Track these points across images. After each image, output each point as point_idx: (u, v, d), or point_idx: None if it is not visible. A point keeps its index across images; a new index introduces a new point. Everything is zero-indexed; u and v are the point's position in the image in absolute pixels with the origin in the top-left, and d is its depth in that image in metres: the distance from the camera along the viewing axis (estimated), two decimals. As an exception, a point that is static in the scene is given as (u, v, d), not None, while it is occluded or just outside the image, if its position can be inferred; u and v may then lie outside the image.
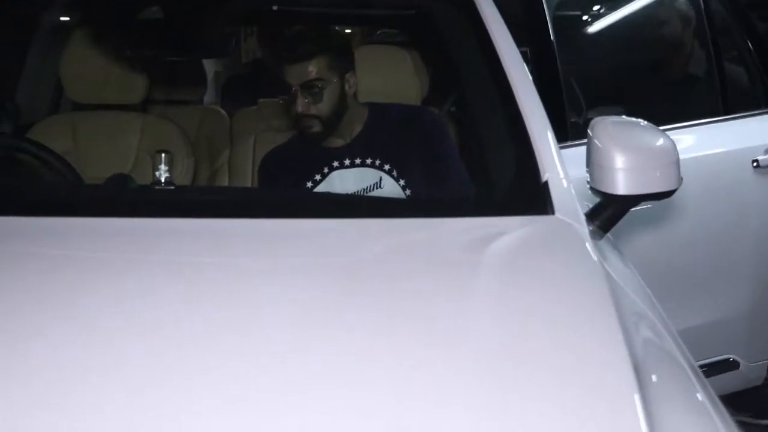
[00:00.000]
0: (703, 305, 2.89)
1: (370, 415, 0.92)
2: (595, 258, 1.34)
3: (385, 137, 2.21)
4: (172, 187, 1.63)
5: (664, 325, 1.28)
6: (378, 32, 8.20)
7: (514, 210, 1.54)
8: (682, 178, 1.71)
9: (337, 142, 2.24)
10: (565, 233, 1.46)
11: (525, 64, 1.82)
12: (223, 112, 3.38)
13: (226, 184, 3.11)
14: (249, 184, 3.01)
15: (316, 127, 2.16)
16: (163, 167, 1.64)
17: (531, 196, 1.54)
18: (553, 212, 1.51)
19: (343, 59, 2.17)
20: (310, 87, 2.11)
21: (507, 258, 1.35)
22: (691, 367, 1.17)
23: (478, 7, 1.89)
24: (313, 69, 2.11)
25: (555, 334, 1.09)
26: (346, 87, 2.19)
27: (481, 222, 1.50)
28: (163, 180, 1.64)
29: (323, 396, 0.94)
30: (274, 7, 2.18)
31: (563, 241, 1.44)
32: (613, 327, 1.08)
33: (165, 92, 3.24)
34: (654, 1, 3.17)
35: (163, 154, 1.64)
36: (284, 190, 2.14)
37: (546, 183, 1.56)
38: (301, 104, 2.12)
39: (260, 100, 3.23)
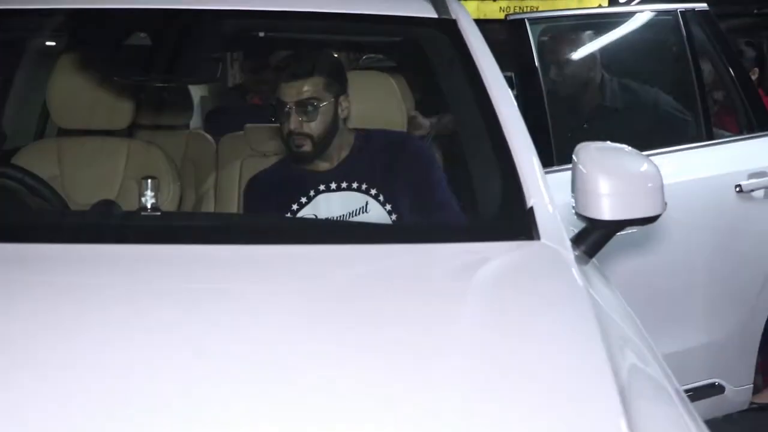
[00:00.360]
0: (687, 330, 2.90)
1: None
2: (580, 283, 1.34)
3: (371, 162, 2.23)
4: (158, 213, 1.62)
5: (650, 350, 1.28)
6: (363, 57, 8.25)
7: (499, 236, 1.54)
8: (666, 203, 1.73)
9: (324, 166, 2.25)
10: (551, 258, 1.46)
11: (510, 90, 1.84)
12: (209, 137, 3.38)
13: (212, 209, 3.10)
14: (235, 209, 3.01)
15: (307, 146, 2.17)
16: (149, 193, 1.63)
17: (516, 222, 1.55)
18: (538, 237, 1.51)
19: (338, 82, 2.20)
20: (304, 105, 2.13)
21: (491, 283, 1.36)
22: (676, 391, 1.17)
23: (464, 34, 1.91)
24: (309, 88, 2.14)
25: (540, 360, 1.09)
26: (339, 110, 2.21)
27: (467, 248, 1.50)
28: (149, 206, 1.63)
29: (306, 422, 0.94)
30: (261, 34, 2.19)
31: (548, 266, 1.45)
32: (598, 353, 1.08)
33: (151, 117, 3.24)
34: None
35: (149, 180, 1.63)
36: (269, 216, 2.13)
37: (531, 209, 1.57)
38: (294, 122, 2.14)
39: (246, 125, 3.23)
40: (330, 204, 2.22)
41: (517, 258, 1.48)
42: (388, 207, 2.18)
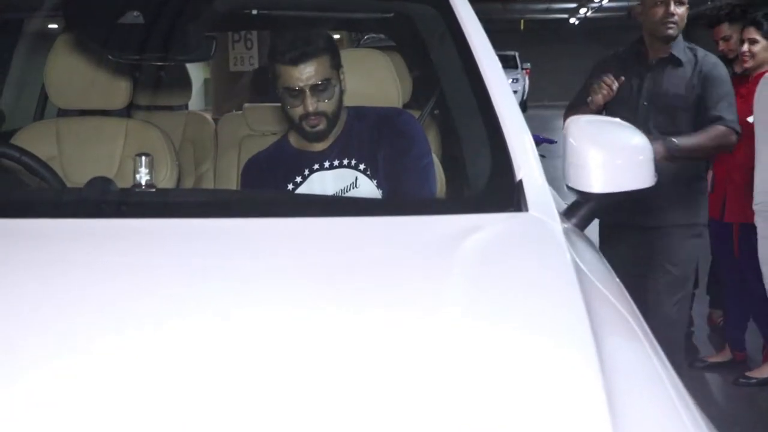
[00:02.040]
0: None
1: (348, 415, 0.93)
2: (567, 254, 1.36)
3: (360, 138, 2.25)
4: (153, 190, 1.64)
5: (637, 322, 1.29)
6: (365, 37, 8.22)
7: (488, 207, 1.56)
8: (657, 175, 1.74)
9: (319, 146, 2.27)
10: (538, 230, 1.48)
11: (501, 65, 1.85)
12: (208, 117, 3.40)
13: (211, 188, 3.13)
14: (236, 189, 3.03)
15: (322, 125, 2.18)
16: (143, 170, 1.65)
17: (505, 194, 1.56)
18: (527, 209, 1.53)
19: (338, 55, 2.21)
20: (319, 86, 2.13)
21: (478, 254, 1.37)
22: (663, 366, 1.18)
23: (455, 9, 1.91)
24: (321, 68, 2.13)
25: (522, 332, 1.11)
26: (343, 85, 2.22)
27: (455, 219, 1.52)
28: (143, 183, 1.65)
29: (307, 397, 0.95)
30: (254, 11, 2.19)
31: (536, 237, 1.46)
32: (581, 324, 1.10)
33: (149, 97, 3.25)
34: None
35: (143, 157, 1.65)
36: (260, 191, 2.15)
37: (520, 181, 1.58)
38: (311, 104, 2.14)
39: (246, 105, 3.25)
40: (324, 182, 2.25)
41: (504, 229, 1.50)
42: (375, 181, 2.21)
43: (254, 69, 6.67)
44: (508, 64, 21.68)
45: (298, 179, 2.26)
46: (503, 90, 1.77)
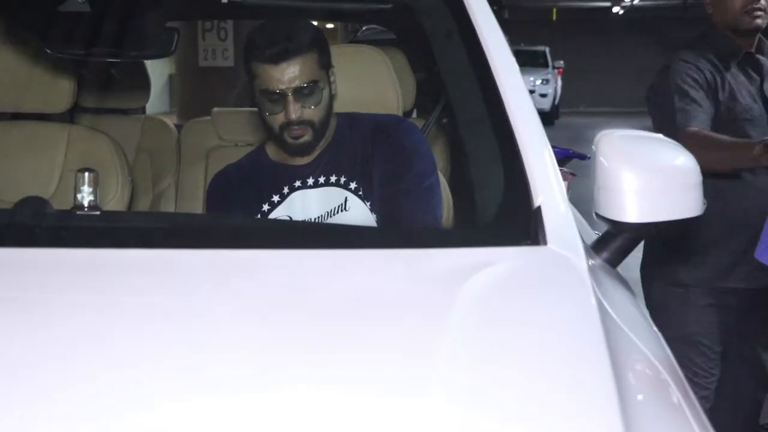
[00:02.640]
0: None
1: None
2: (592, 297, 1.37)
3: (352, 151, 2.25)
4: (98, 213, 1.65)
5: (678, 383, 1.30)
6: (363, 29, 8.27)
7: (499, 240, 1.57)
8: (706, 203, 1.75)
9: (301, 159, 2.28)
10: (558, 267, 1.49)
11: (518, 67, 1.87)
12: (170, 123, 3.42)
13: (172, 209, 3.15)
14: (200, 210, 3.04)
15: (307, 136, 2.18)
16: (86, 188, 1.66)
17: (520, 224, 1.58)
18: (545, 242, 1.54)
19: (328, 53, 2.22)
20: (303, 89, 2.13)
21: (481, 298, 1.37)
22: (699, 420, 1.19)
23: (465, 0, 1.93)
24: (306, 68, 2.13)
25: (534, 392, 1.12)
26: (333, 88, 2.23)
27: (457, 254, 1.53)
28: (86, 204, 1.66)
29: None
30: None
31: (554, 276, 1.47)
32: (606, 387, 1.10)
33: (97, 99, 3.27)
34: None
35: (86, 173, 1.66)
36: (224, 216, 2.16)
37: (539, 209, 1.60)
38: (294, 110, 2.14)
39: (214, 109, 3.27)
40: (306, 203, 2.24)
41: (515, 267, 1.51)
42: (369, 204, 2.21)
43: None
44: (537, 61, 21.82)
45: (276, 198, 2.26)
46: (521, 98, 1.79)
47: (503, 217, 1.63)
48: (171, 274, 1.44)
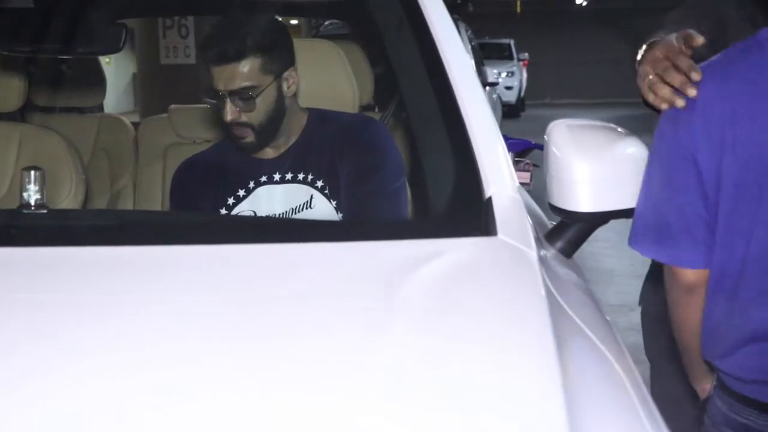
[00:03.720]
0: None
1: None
2: (540, 288, 1.36)
3: (321, 149, 2.24)
4: (44, 211, 1.63)
5: (630, 376, 1.30)
6: (326, 23, 8.21)
7: (450, 231, 1.57)
8: None
9: (269, 153, 2.26)
10: (507, 257, 1.49)
11: (470, 58, 1.86)
12: (126, 121, 3.39)
13: (130, 208, 3.12)
14: (159, 208, 3.02)
15: (249, 137, 2.18)
16: (32, 187, 1.64)
17: (470, 215, 1.58)
18: (495, 233, 1.54)
19: (279, 56, 2.19)
20: (239, 93, 2.13)
21: (426, 289, 1.38)
22: (647, 408, 1.20)
23: None
24: (243, 72, 2.12)
25: (478, 382, 1.12)
26: (285, 87, 2.21)
27: (406, 245, 1.52)
28: (32, 202, 1.64)
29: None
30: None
31: (502, 267, 1.47)
32: (552, 379, 1.10)
33: (50, 97, 3.24)
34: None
35: (32, 171, 1.64)
36: (172, 212, 2.15)
37: (489, 199, 1.60)
38: (230, 112, 2.13)
39: (171, 106, 3.25)
40: (272, 198, 2.23)
41: (463, 257, 1.50)
42: (335, 203, 2.20)
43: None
44: (502, 54, 21.87)
45: (241, 192, 2.25)
46: (472, 89, 1.78)
47: (454, 208, 1.63)
48: (116, 271, 1.43)
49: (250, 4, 2.40)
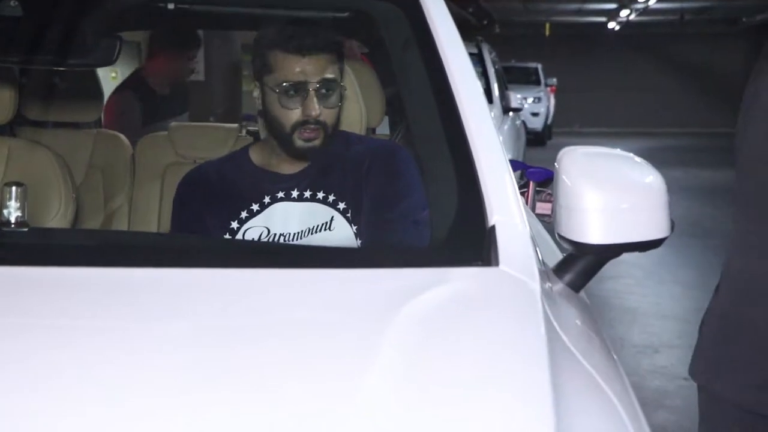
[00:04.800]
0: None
1: None
2: (541, 323, 1.36)
3: (345, 169, 2.24)
4: (25, 229, 1.65)
5: (626, 405, 1.29)
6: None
7: (450, 260, 1.57)
8: (674, 223, 1.75)
9: (285, 167, 2.25)
10: (508, 290, 1.49)
11: (478, 81, 1.87)
12: (124, 138, 3.40)
13: (125, 228, 3.13)
14: (155, 230, 3.02)
15: (318, 140, 2.17)
16: (13, 204, 1.66)
17: (472, 244, 1.58)
18: (497, 263, 1.53)
19: (343, 61, 2.23)
20: (325, 86, 2.14)
21: (420, 321, 1.37)
22: None
23: (424, 8, 1.94)
24: (329, 64, 2.15)
25: (471, 416, 1.11)
26: (343, 90, 2.23)
27: (405, 275, 1.53)
28: (13, 219, 1.65)
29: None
30: (170, 6, 2.21)
31: (502, 299, 1.47)
32: (542, 411, 1.10)
33: (44, 111, 3.26)
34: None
35: (13, 187, 1.66)
36: (163, 234, 2.16)
37: (493, 228, 1.60)
38: (314, 106, 2.13)
39: (172, 123, 3.26)
40: (288, 216, 2.21)
41: (461, 288, 1.51)
42: (355, 227, 2.20)
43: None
44: (528, 79, 21.90)
45: (255, 207, 2.23)
46: (479, 113, 1.79)
47: (455, 235, 1.63)
48: (94, 294, 1.44)
49: (251, 17, 2.42)
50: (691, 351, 2.13)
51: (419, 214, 2.17)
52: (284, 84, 2.13)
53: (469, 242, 1.59)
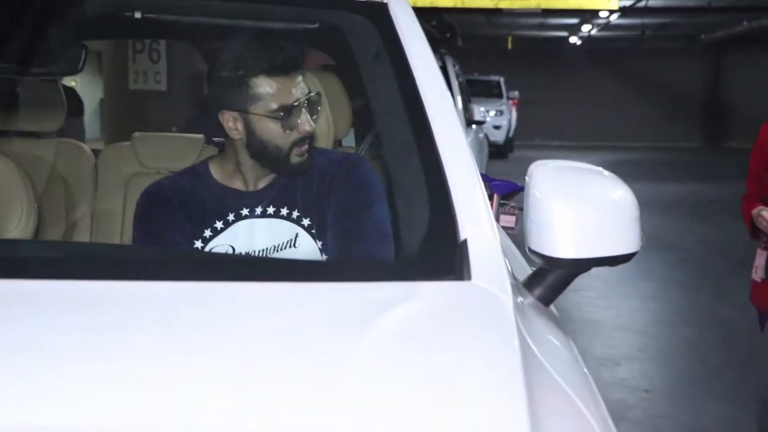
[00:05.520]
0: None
1: None
2: (514, 337, 1.35)
3: (308, 184, 2.22)
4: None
5: (597, 418, 1.29)
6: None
7: (421, 274, 1.56)
8: (644, 238, 1.75)
9: (250, 184, 2.22)
10: (480, 303, 1.48)
11: (449, 93, 1.87)
12: (86, 147, 3.36)
13: (87, 240, 3.09)
14: (118, 241, 2.99)
15: (307, 155, 2.17)
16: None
17: (443, 258, 1.57)
18: (469, 277, 1.53)
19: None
20: (311, 101, 2.15)
21: (393, 334, 1.37)
22: None
23: (394, 20, 1.93)
24: (303, 74, 2.16)
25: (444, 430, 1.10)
26: None
27: (376, 288, 1.52)
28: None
29: None
30: (137, 15, 2.18)
31: (475, 313, 1.46)
32: (517, 424, 1.09)
33: (3, 120, 3.20)
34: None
35: (-25, 198, 1.63)
36: (123, 246, 2.13)
37: (465, 242, 1.59)
38: (310, 122, 2.13)
39: (135, 133, 3.23)
40: (252, 233, 2.19)
41: (433, 302, 1.50)
42: (320, 243, 2.19)
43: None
44: (491, 92, 22.02)
45: (219, 225, 2.20)
46: (450, 126, 1.79)
47: (426, 250, 1.62)
48: (47, 306, 1.41)
49: (220, 27, 2.40)
50: (651, 364, 2.16)
51: (383, 225, 2.16)
52: (277, 109, 2.11)
53: (441, 256, 1.58)
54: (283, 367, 1.24)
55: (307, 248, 2.17)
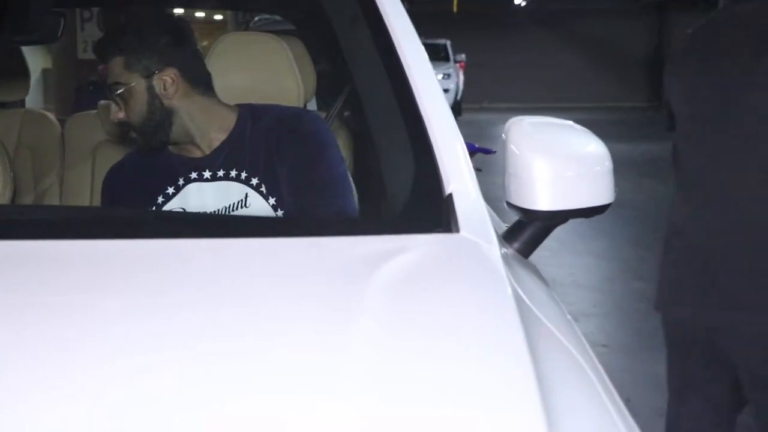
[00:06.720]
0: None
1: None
2: (507, 285, 1.42)
3: (255, 146, 2.29)
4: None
5: (594, 371, 1.36)
6: (255, 19, 8.24)
7: (410, 227, 1.61)
8: (617, 190, 1.82)
9: (195, 152, 2.33)
10: (471, 254, 1.54)
11: (427, 56, 1.92)
12: (52, 117, 3.36)
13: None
14: (87, 209, 3.00)
15: (134, 134, 2.31)
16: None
17: (431, 211, 1.62)
18: (457, 230, 1.59)
19: (149, 57, 2.26)
20: (113, 90, 2.26)
21: (393, 283, 1.41)
22: (619, 411, 1.26)
23: None
24: (114, 70, 2.26)
25: (452, 382, 1.15)
26: (159, 89, 2.26)
27: (368, 241, 1.56)
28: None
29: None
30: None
31: (467, 263, 1.52)
32: (525, 375, 1.15)
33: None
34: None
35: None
36: (92, 208, 2.17)
37: (450, 196, 1.65)
38: (112, 109, 2.28)
39: (101, 102, 3.24)
40: (202, 196, 2.29)
41: (427, 253, 1.55)
42: (272, 201, 2.26)
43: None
44: (438, 55, 22.03)
45: (171, 190, 2.32)
46: (430, 85, 1.83)
47: (415, 204, 1.67)
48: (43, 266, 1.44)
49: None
50: (607, 319, 2.23)
51: (339, 169, 2.25)
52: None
53: (429, 210, 1.63)
54: (281, 322, 1.27)
55: (259, 207, 2.25)
